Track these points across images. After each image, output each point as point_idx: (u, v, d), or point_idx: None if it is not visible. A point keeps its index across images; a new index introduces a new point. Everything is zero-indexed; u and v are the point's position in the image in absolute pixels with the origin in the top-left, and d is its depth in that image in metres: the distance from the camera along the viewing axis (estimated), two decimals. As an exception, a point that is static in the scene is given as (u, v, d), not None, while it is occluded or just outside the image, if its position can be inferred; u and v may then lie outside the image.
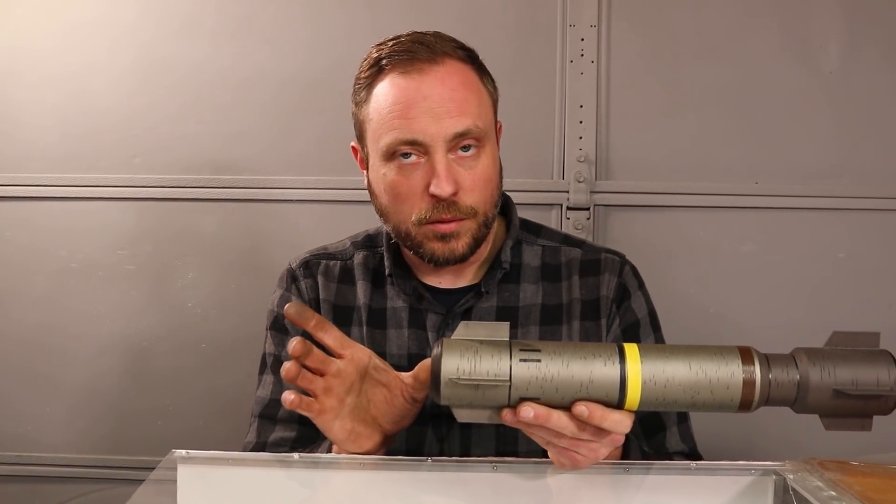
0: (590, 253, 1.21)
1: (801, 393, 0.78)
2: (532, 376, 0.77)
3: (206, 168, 1.88)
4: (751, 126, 1.81)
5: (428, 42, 1.05)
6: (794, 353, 0.79)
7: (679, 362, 0.78)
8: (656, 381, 0.77)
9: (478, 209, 1.07)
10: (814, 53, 1.80)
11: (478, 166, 1.06)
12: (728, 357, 0.78)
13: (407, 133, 1.03)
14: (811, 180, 1.81)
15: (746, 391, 0.77)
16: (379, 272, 1.20)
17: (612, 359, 0.78)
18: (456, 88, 1.04)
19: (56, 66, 1.88)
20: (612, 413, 0.78)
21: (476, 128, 1.04)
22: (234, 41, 1.87)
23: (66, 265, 1.91)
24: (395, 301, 1.17)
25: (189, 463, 0.90)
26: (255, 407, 1.18)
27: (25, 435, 1.95)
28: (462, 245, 1.07)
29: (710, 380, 0.77)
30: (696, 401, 0.78)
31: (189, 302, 1.91)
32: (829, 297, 1.82)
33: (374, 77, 1.08)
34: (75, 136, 1.89)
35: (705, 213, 1.83)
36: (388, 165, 1.07)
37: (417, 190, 1.05)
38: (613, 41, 1.82)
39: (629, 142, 1.83)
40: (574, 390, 0.78)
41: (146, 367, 1.92)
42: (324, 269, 1.21)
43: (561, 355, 0.78)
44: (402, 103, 1.03)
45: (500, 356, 0.78)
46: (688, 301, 1.83)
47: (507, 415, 0.79)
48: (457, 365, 0.77)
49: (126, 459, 1.91)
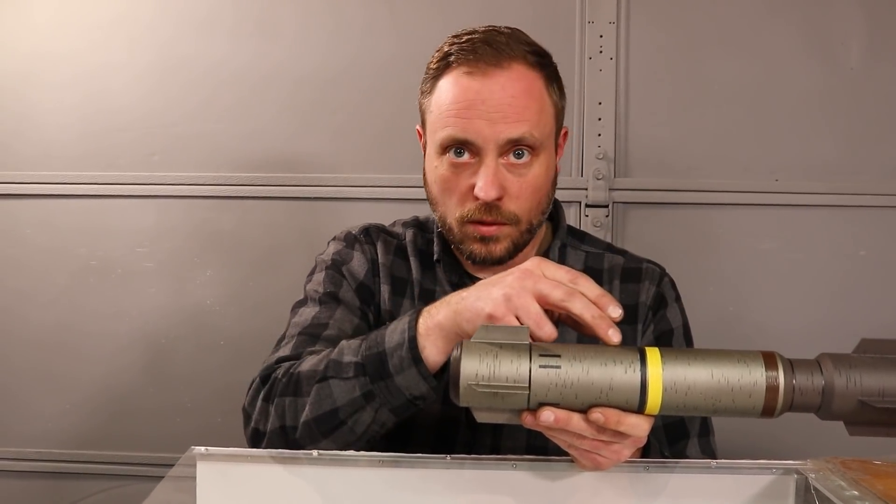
0: (632, 262, 1.22)
1: (826, 400, 0.76)
2: (551, 382, 0.76)
3: (225, 166, 1.89)
4: (771, 122, 1.80)
5: (498, 43, 1.05)
6: (820, 359, 0.78)
7: (701, 368, 0.76)
8: (677, 388, 0.76)
9: (521, 217, 1.07)
10: (835, 50, 1.79)
11: (528, 174, 1.06)
12: (751, 363, 0.76)
13: (461, 132, 1.04)
14: (832, 177, 1.80)
15: (769, 398, 0.76)
16: (427, 254, 1.20)
17: (633, 365, 0.77)
18: (517, 95, 1.03)
19: (75, 66, 1.90)
20: (628, 417, 0.77)
21: (531, 136, 1.04)
22: (251, 39, 1.88)
23: (86, 263, 1.93)
24: (444, 285, 1.17)
25: (208, 460, 0.90)
26: (291, 329, 1.11)
27: (45, 432, 1.96)
28: (501, 249, 1.08)
29: (733, 387, 0.76)
30: (717, 407, 0.77)
31: (208, 299, 1.92)
32: (850, 296, 1.80)
33: (442, 70, 1.07)
34: (94, 134, 1.91)
35: (724, 211, 1.82)
36: (441, 159, 1.07)
37: (464, 189, 1.06)
38: (632, 38, 1.82)
39: (648, 139, 1.83)
40: (594, 396, 0.77)
41: (165, 365, 1.93)
42: (383, 240, 1.21)
43: (581, 361, 0.77)
44: (460, 102, 1.04)
45: (519, 361, 0.77)
46: (706, 300, 1.82)
47: (527, 418, 0.78)
48: (476, 370, 0.77)
49: (145, 456, 1.93)
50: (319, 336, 1.08)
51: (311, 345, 1.06)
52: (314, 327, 1.09)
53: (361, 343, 0.94)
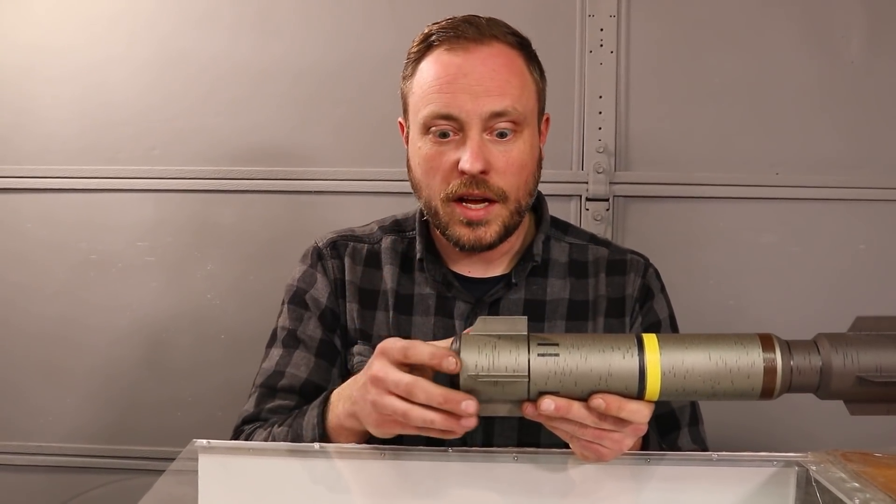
0: (616, 253, 1.22)
1: (824, 380, 0.77)
2: (550, 371, 0.77)
3: (225, 159, 1.89)
4: (771, 116, 1.80)
5: (478, 23, 1.06)
6: (816, 339, 0.78)
7: (698, 352, 0.77)
8: (675, 372, 0.77)
9: (509, 194, 1.07)
10: (835, 43, 1.79)
11: (513, 150, 1.06)
12: (748, 345, 0.77)
13: (443, 107, 1.04)
14: (832, 171, 1.80)
15: (768, 379, 0.77)
16: (408, 257, 1.20)
17: (630, 351, 0.77)
18: (498, 69, 1.04)
19: (75, 60, 1.90)
20: (629, 403, 0.78)
21: (514, 110, 1.04)
22: (251, 33, 1.87)
23: (86, 257, 1.92)
24: (423, 287, 1.17)
25: (210, 453, 0.91)
26: (257, 378, 1.16)
27: (45, 426, 1.96)
28: (491, 233, 1.08)
29: (731, 369, 0.76)
30: (716, 390, 0.77)
31: (208, 293, 1.92)
32: (850, 289, 1.80)
33: (423, 52, 1.08)
34: (94, 128, 1.90)
35: (724, 204, 1.82)
36: (424, 139, 1.07)
37: (448, 165, 1.06)
38: (633, 31, 1.82)
39: (648, 132, 1.83)
40: (593, 383, 0.77)
41: (165, 359, 1.93)
42: (351, 251, 1.20)
43: (579, 349, 0.78)
44: (443, 78, 1.04)
45: (518, 351, 0.78)
46: (706, 293, 1.82)
47: (528, 408, 0.79)
48: (475, 361, 0.78)
49: (146, 450, 1.93)
50: (276, 388, 1.13)
51: (270, 399, 1.13)
52: (274, 377, 1.14)
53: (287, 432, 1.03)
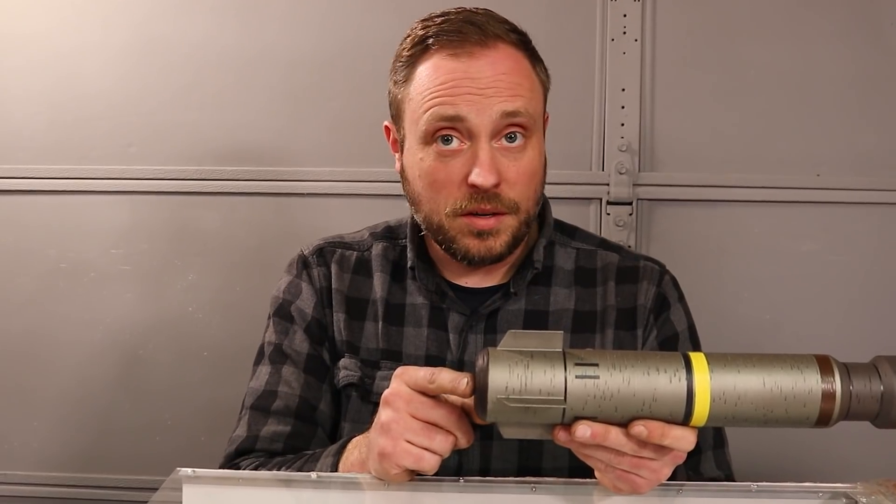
0: (627, 259, 1.20)
1: (885, 408, 0.75)
2: (589, 394, 0.74)
3: (208, 158, 1.85)
4: (812, 112, 1.76)
5: (479, 23, 1.04)
6: (876, 362, 0.76)
7: (751, 375, 0.74)
8: (727, 398, 0.74)
9: (520, 204, 1.05)
10: (883, 32, 1.74)
11: (523, 159, 1.04)
12: (805, 369, 0.75)
13: (450, 109, 1.01)
14: (878, 171, 1.76)
15: (825, 407, 0.74)
16: (399, 265, 1.19)
17: (678, 373, 0.74)
18: (507, 72, 1.03)
19: (43, 47, 1.86)
20: (673, 429, 0.75)
21: (526, 111, 1.03)
22: (238, 17, 1.84)
23: (55, 265, 1.89)
24: (415, 297, 1.16)
25: (195, 483, 0.89)
26: (246, 398, 1.16)
27: (11, 452, 1.93)
28: (500, 244, 1.06)
29: (786, 396, 0.74)
30: (768, 418, 0.75)
31: (190, 306, 1.88)
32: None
33: (419, 56, 1.06)
34: (64, 123, 1.87)
35: (760, 209, 1.78)
36: (427, 149, 1.04)
37: (456, 179, 1.03)
38: (659, 17, 1.78)
39: (676, 129, 1.79)
40: (636, 409, 0.74)
41: (143, 378, 1.89)
42: (338, 258, 1.20)
43: (621, 370, 0.74)
44: (447, 84, 1.02)
45: (553, 371, 0.74)
46: (741, 306, 1.79)
47: (560, 434, 0.76)
48: (506, 382, 0.74)
49: (122, 479, 1.89)
50: (269, 410, 1.13)
51: (262, 421, 1.13)
52: (265, 398, 1.14)
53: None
